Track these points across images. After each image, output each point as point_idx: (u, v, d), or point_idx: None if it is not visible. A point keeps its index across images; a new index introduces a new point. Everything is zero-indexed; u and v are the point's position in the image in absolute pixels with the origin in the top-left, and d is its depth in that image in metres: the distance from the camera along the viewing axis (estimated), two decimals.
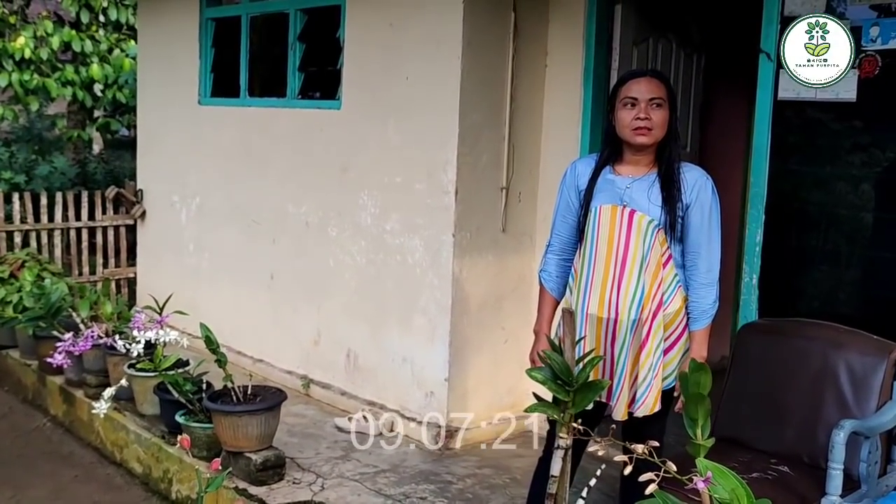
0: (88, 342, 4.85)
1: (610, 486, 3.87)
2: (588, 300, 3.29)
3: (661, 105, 3.22)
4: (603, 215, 3.26)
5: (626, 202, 3.24)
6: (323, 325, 5.87)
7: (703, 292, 3.30)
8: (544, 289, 3.52)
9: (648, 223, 3.21)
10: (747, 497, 2.04)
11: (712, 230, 3.30)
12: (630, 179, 3.26)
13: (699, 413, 2.37)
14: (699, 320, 3.32)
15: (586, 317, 3.29)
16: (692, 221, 3.25)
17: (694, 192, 3.24)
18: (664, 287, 3.26)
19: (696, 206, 3.24)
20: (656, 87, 3.22)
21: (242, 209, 6.52)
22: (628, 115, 3.21)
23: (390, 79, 5.26)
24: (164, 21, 7.37)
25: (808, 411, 3.58)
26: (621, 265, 3.23)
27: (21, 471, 5.21)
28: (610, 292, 3.25)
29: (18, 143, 11.03)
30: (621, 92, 3.27)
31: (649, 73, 3.31)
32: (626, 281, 3.22)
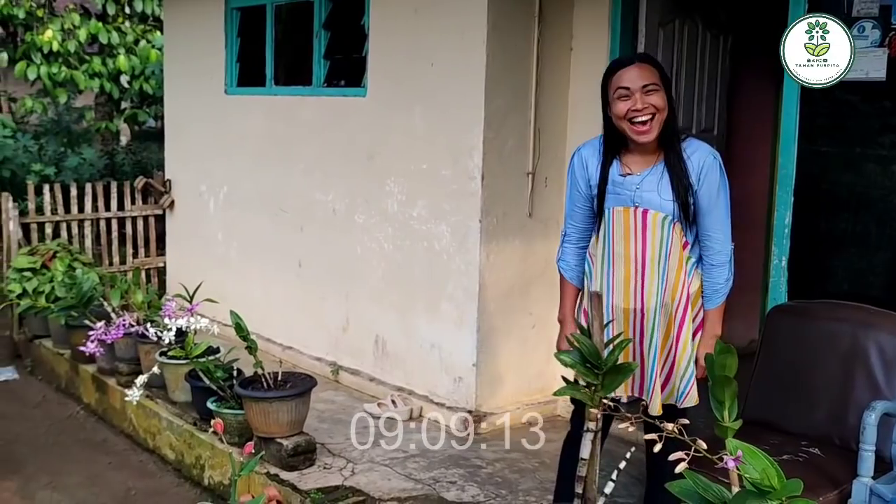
0: (120, 331, 4.90)
1: (638, 469, 3.88)
2: (612, 293, 3.28)
3: (657, 89, 3.11)
4: (616, 218, 3.23)
5: (638, 203, 3.19)
6: (351, 311, 5.90)
7: (715, 272, 3.27)
8: (564, 278, 3.49)
9: (663, 220, 3.18)
10: (778, 477, 2.03)
11: (721, 209, 3.22)
12: (639, 178, 3.20)
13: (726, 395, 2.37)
14: (712, 299, 3.29)
15: (612, 309, 3.27)
16: (702, 203, 3.19)
17: (702, 175, 3.17)
18: (686, 268, 3.24)
19: (705, 188, 3.17)
20: (647, 73, 3.12)
21: (270, 197, 6.56)
22: (624, 106, 3.11)
23: (416, 65, 5.26)
24: (189, 11, 7.40)
25: (839, 393, 3.56)
26: (641, 263, 3.22)
27: (56, 458, 5.29)
28: (634, 286, 3.24)
29: (47, 136, 11.15)
30: (612, 83, 3.16)
31: (637, 59, 3.20)
32: (648, 277, 3.22)
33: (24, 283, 6.60)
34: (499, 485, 4.34)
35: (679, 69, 5.31)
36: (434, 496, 4.20)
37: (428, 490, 4.26)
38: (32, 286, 6.56)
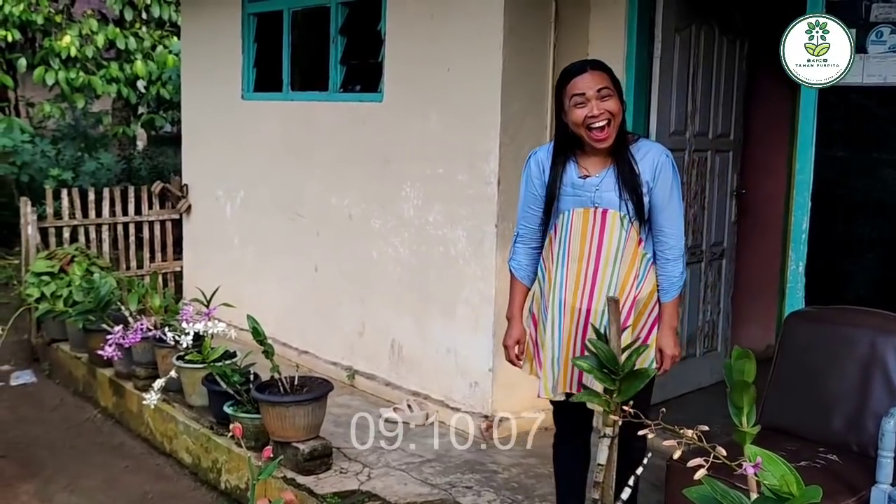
0: (138, 335, 4.92)
1: (655, 474, 3.87)
2: (565, 291, 3.38)
3: (611, 94, 3.22)
4: (576, 218, 3.33)
5: (598, 203, 3.30)
6: (367, 316, 5.91)
7: (670, 266, 3.39)
8: (515, 278, 3.60)
9: (622, 219, 3.29)
10: (797, 484, 2.03)
11: (675, 206, 3.35)
12: (598, 179, 3.31)
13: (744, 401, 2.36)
14: (669, 292, 3.42)
15: (564, 306, 3.39)
16: (656, 201, 3.31)
17: (657, 173, 3.30)
18: (636, 271, 3.36)
19: (659, 185, 3.30)
20: (600, 78, 3.23)
21: (286, 202, 6.58)
22: (580, 112, 3.21)
23: (432, 70, 5.27)
24: (206, 17, 7.44)
25: (857, 399, 3.54)
26: (595, 263, 3.33)
27: (74, 461, 5.32)
28: (584, 285, 3.35)
29: (65, 141, 11.22)
30: (567, 90, 3.26)
31: (589, 66, 3.28)
32: (599, 276, 3.33)
33: (42, 287, 6.65)
34: (515, 490, 4.34)
35: (695, 73, 5.31)
36: (450, 501, 4.20)
37: (444, 495, 4.26)
38: (50, 290, 6.61)
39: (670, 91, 5.13)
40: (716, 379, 5.66)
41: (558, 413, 3.64)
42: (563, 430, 3.69)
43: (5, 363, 6.86)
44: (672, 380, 5.39)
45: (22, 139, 10.19)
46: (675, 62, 5.15)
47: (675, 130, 5.21)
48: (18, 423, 5.92)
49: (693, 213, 5.44)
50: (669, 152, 3.39)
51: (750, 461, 2.04)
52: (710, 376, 5.70)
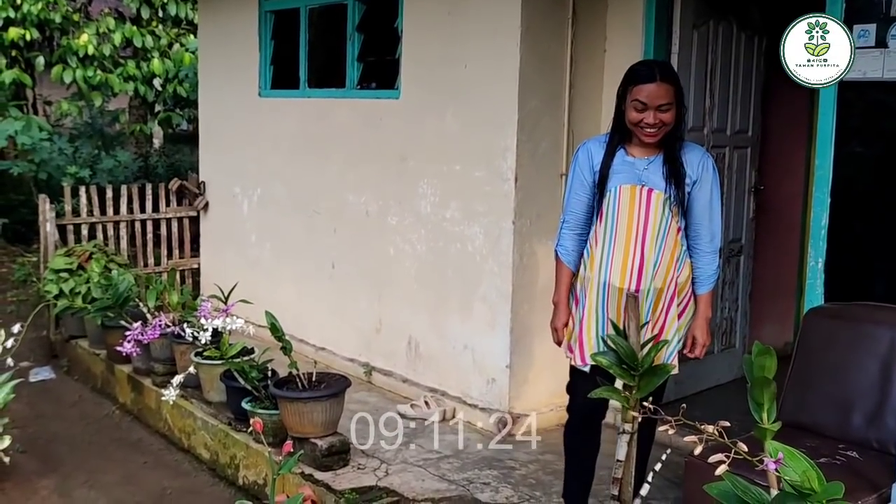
0: (156, 331, 4.95)
1: (673, 471, 3.87)
2: (609, 273, 3.50)
3: (671, 108, 3.39)
4: (623, 194, 3.47)
5: (645, 182, 3.46)
6: (384, 313, 5.92)
7: (707, 259, 3.56)
8: (561, 262, 3.69)
9: (665, 200, 3.44)
10: (819, 480, 2.02)
11: (714, 204, 3.53)
12: (647, 161, 3.48)
13: (764, 397, 2.36)
14: (704, 285, 3.58)
15: (608, 288, 3.50)
16: (697, 197, 3.49)
17: (699, 170, 3.49)
18: (676, 255, 3.50)
19: (701, 182, 3.49)
20: (664, 93, 3.37)
21: (303, 199, 6.59)
22: (637, 116, 3.39)
23: (449, 67, 5.27)
24: (223, 15, 7.46)
25: (877, 396, 3.53)
26: (641, 240, 3.46)
27: (93, 457, 5.35)
28: (631, 265, 3.47)
29: (82, 139, 11.27)
30: (631, 93, 3.41)
31: (658, 77, 3.39)
32: (647, 254, 3.46)
33: (60, 283, 6.68)
34: (533, 486, 4.34)
35: (713, 70, 5.29)
36: (468, 497, 4.20)
37: (462, 491, 4.26)
38: (69, 287, 6.64)
39: (688, 87, 5.10)
40: (734, 376, 5.64)
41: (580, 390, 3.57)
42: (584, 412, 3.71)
43: (24, 360, 6.89)
44: (690, 377, 5.39)
45: (40, 137, 10.23)
46: (693, 59, 5.13)
47: (693, 127, 5.19)
48: (38, 419, 5.95)
49: None
50: (710, 155, 3.58)
51: (771, 457, 2.04)
52: (729, 373, 5.69)
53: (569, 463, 3.79)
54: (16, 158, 10.44)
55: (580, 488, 3.79)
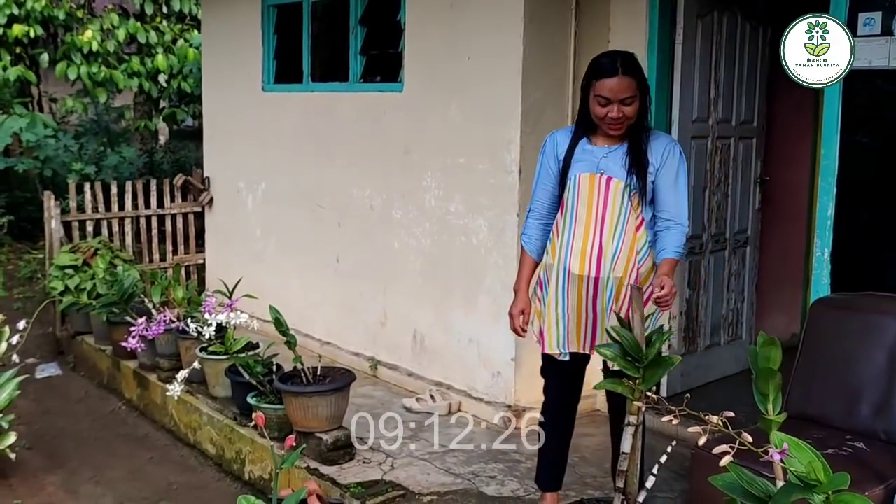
0: (161, 326, 4.94)
1: (680, 463, 3.85)
2: (570, 260, 3.54)
3: (634, 100, 3.41)
4: (582, 183, 3.52)
5: (603, 170, 3.49)
6: (389, 306, 5.91)
7: (673, 231, 3.48)
8: (525, 251, 3.76)
9: (624, 188, 3.47)
10: (825, 471, 2.01)
11: (679, 190, 3.51)
12: (606, 149, 3.52)
13: (770, 388, 2.34)
14: (667, 251, 3.46)
15: (568, 275, 3.55)
16: (660, 183, 3.49)
17: (662, 157, 3.49)
18: (637, 247, 3.50)
19: (665, 168, 3.48)
20: (627, 86, 3.39)
21: (307, 194, 6.58)
22: (601, 110, 3.43)
23: (452, 59, 5.25)
24: (226, 10, 7.44)
25: (884, 387, 3.51)
26: (600, 227, 3.49)
27: (99, 452, 5.36)
28: (591, 253, 3.50)
29: (87, 135, 11.26)
30: (594, 87, 3.44)
31: (620, 70, 3.40)
32: (605, 242, 3.49)
33: (66, 280, 6.69)
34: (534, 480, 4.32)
35: (718, 60, 5.26)
36: (474, 490, 4.20)
37: (467, 484, 4.26)
38: (74, 283, 6.65)
39: (693, 78, 5.09)
40: (740, 367, 5.62)
41: (553, 380, 3.79)
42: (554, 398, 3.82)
43: (31, 356, 6.91)
44: (696, 369, 5.38)
45: (45, 134, 10.23)
46: (698, 49, 5.10)
47: (698, 117, 5.17)
48: (44, 415, 5.96)
49: (716, 201, 5.41)
50: (678, 143, 3.60)
51: (776, 448, 2.02)
52: (735, 365, 5.66)
53: (543, 445, 3.86)
54: (21, 155, 10.42)
55: (552, 470, 3.87)
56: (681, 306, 5.25)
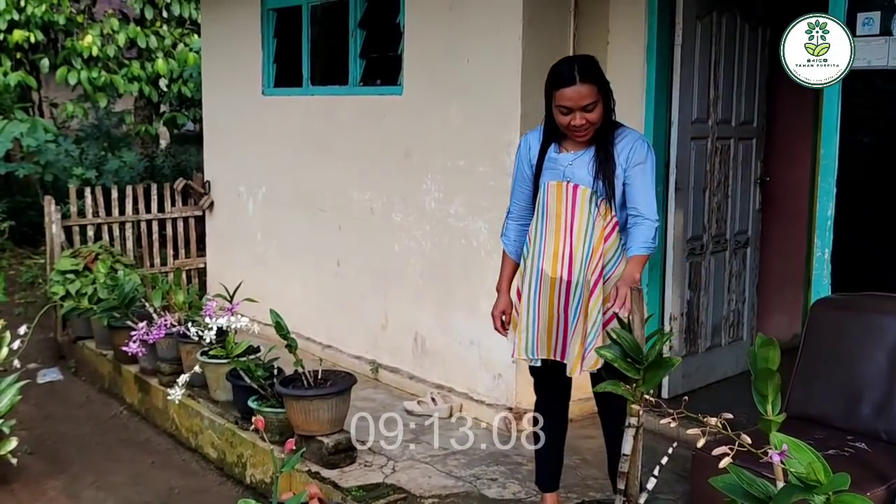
0: (161, 330, 4.95)
1: (680, 465, 3.85)
2: (542, 261, 3.56)
3: (595, 106, 3.40)
4: (550, 191, 3.55)
5: (569, 178, 3.51)
6: (390, 309, 5.91)
7: (642, 228, 3.45)
8: (505, 252, 3.81)
9: (591, 195, 3.47)
10: (825, 471, 2.00)
11: (647, 182, 3.49)
12: (572, 156, 3.52)
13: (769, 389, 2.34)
14: (636, 248, 3.45)
15: (541, 277, 3.56)
16: (630, 180, 3.47)
17: (631, 154, 3.47)
18: (608, 255, 3.50)
19: (632, 166, 3.47)
20: (587, 93, 3.37)
21: (308, 197, 6.59)
22: (564, 119, 3.43)
23: (451, 62, 5.26)
24: (226, 14, 7.45)
25: (886, 386, 3.50)
26: (570, 233, 3.51)
27: (101, 457, 5.35)
28: (562, 255, 3.51)
29: (88, 140, 11.29)
30: (555, 97, 3.43)
31: (578, 78, 3.37)
32: (575, 246, 3.50)
33: (67, 285, 6.69)
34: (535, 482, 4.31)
35: (717, 61, 5.26)
36: (475, 493, 4.19)
37: (469, 487, 4.25)
38: (75, 288, 6.65)
39: (692, 79, 5.09)
40: (742, 368, 5.62)
41: (538, 382, 3.84)
42: (542, 399, 3.86)
43: (32, 361, 6.91)
44: (698, 370, 5.38)
45: (46, 139, 10.25)
46: (697, 50, 5.10)
47: (698, 118, 5.16)
48: (45, 420, 5.96)
49: (717, 202, 5.40)
50: (647, 140, 3.60)
51: (776, 449, 2.02)
52: (736, 366, 5.66)
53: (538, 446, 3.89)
54: (22, 160, 10.44)
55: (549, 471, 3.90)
56: (682, 307, 5.25)
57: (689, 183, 5.18)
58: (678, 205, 5.11)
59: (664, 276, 5.17)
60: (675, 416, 2.30)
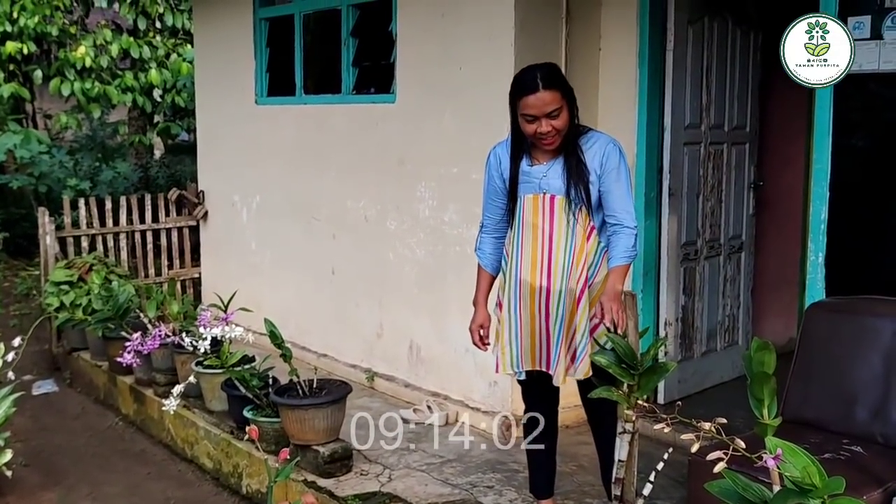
0: (156, 341, 4.93)
1: (677, 471, 3.84)
2: (521, 270, 3.55)
3: (560, 112, 3.38)
4: (527, 204, 3.53)
5: (545, 189, 3.50)
6: (385, 318, 5.90)
7: (622, 237, 3.46)
8: (480, 266, 3.79)
9: (569, 203, 3.46)
10: (820, 475, 2.00)
11: (623, 188, 3.48)
12: (545, 167, 3.50)
13: (764, 392, 2.34)
14: (617, 258, 3.46)
15: (520, 287, 3.55)
16: (604, 187, 3.46)
17: (602, 162, 3.46)
18: (590, 260, 3.50)
19: (605, 172, 3.46)
20: (550, 99, 3.35)
21: (302, 206, 6.58)
22: (530, 127, 3.40)
23: (444, 69, 5.26)
24: (219, 24, 7.46)
25: (881, 390, 3.50)
26: (549, 244, 3.50)
27: (96, 469, 5.33)
28: (541, 263, 3.50)
29: (82, 151, 11.28)
30: (519, 106, 3.41)
31: (541, 86, 3.36)
32: (554, 256, 3.49)
33: (61, 296, 6.69)
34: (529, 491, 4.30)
35: (709, 66, 5.27)
36: (471, 501, 4.18)
37: (465, 495, 4.24)
38: (70, 299, 6.64)
39: (684, 84, 5.09)
40: (738, 373, 5.61)
41: (525, 392, 3.81)
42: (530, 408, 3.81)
43: (27, 373, 6.89)
44: (693, 375, 5.37)
45: (39, 150, 10.24)
46: (689, 55, 5.11)
47: (691, 123, 5.17)
48: (41, 431, 5.95)
49: (710, 207, 5.41)
50: (617, 141, 3.56)
51: (771, 453, 2.01)
52: (732, 371, 5.66)
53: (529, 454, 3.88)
54: (16, 172, 10.44)
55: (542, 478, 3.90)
56: (676, 312, 5.25)
57: (683, 188, 5.18)
58: (672, 210, 5.11)
59: (659, 282, 5.17)
60: (670, 421, 2.30)
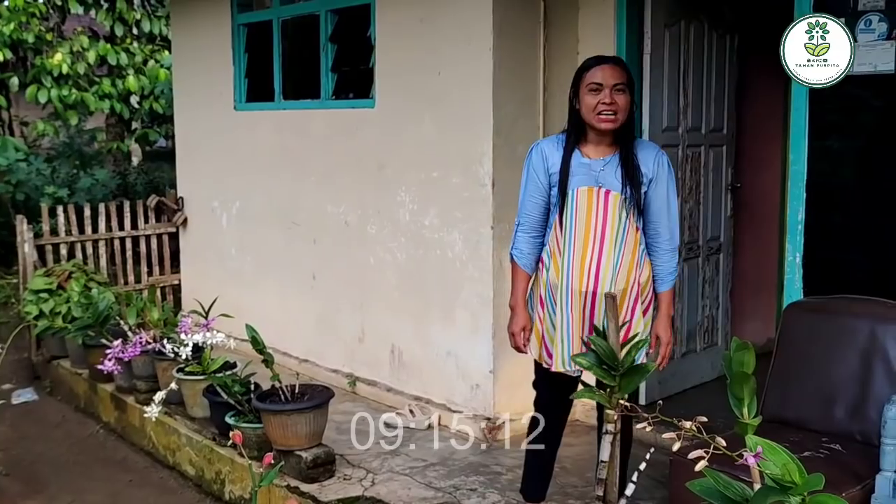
0: (137, 348, 4.91)
1: (660, 471, 3.86)
2: (571, 275, 3.52)
3: (624, 90, 3.42)
4: (580, 197, 3.49)
5: (602, 183, 3.47)
6: (366, 322, 5.90)
7: (667, 257, 3.58)
8: (517, 266, 3.70)
9: (623, 201, 3.46)
10: (799, 472, 2.02)
11: (671, 201, 3.56)
12: (602, 162, 3.49)
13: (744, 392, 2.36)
14: (665, 282, 3.60)
15: (571, 292, 3.52)
16: (654, 195, 3.52)
17: (654, 168, 3.50)
18: (637, 258, 3.53)
19: (657, 180, 3.51)
20: (619, 73, 3.43)
21: (282, 211, 6.58)
22: (594, 99, 3.41)
23: (423, 74, 5.27)
24: (196, 30, 7.44)
25: (859, 388, 3.54)
26: (600, 242, 3.48)
27: (78, 477, 5.31)
28: (589, 267, 3.48)
29: (60, 158, 11.21)
30: (586, 77, 3.46)
31: (612, 60, 3.51)
32: (605, 256, 3.49)
33: (40, 304, 6.65)
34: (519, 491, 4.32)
35: (686, 69, 5.31)
36: None
37: (448, 498, 4.25)
38: (49, 307, 6.61)
39: (661, 87, 5.13)
40: (717, 374, 5.65)
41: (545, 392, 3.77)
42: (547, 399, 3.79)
43: (6, 382, 6.86)
44: (673, 376, 5.40)
45: (17, 158, 10.18)
46: (666, 58, 5.15)
47: (668, 126, 5.20)
48: (21, 440, 5.91)
49: (689, 209, 5.44)
50: (664, 152, 3.60)
51: (751, 451, 2.04)
52: (712, 371, 5.70)
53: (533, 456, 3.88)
54: None
55: (540, 481, 3.92)
56: None
57: None
58: None
59: None
60: (651, 420, 2.32)
